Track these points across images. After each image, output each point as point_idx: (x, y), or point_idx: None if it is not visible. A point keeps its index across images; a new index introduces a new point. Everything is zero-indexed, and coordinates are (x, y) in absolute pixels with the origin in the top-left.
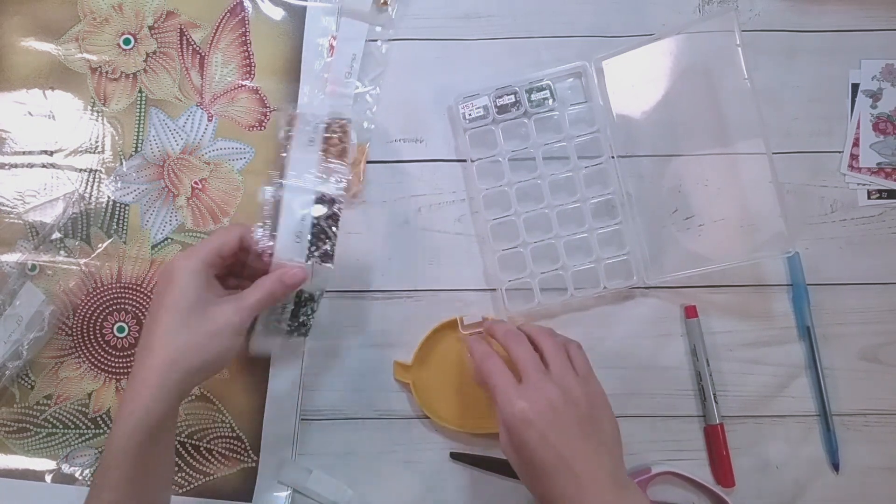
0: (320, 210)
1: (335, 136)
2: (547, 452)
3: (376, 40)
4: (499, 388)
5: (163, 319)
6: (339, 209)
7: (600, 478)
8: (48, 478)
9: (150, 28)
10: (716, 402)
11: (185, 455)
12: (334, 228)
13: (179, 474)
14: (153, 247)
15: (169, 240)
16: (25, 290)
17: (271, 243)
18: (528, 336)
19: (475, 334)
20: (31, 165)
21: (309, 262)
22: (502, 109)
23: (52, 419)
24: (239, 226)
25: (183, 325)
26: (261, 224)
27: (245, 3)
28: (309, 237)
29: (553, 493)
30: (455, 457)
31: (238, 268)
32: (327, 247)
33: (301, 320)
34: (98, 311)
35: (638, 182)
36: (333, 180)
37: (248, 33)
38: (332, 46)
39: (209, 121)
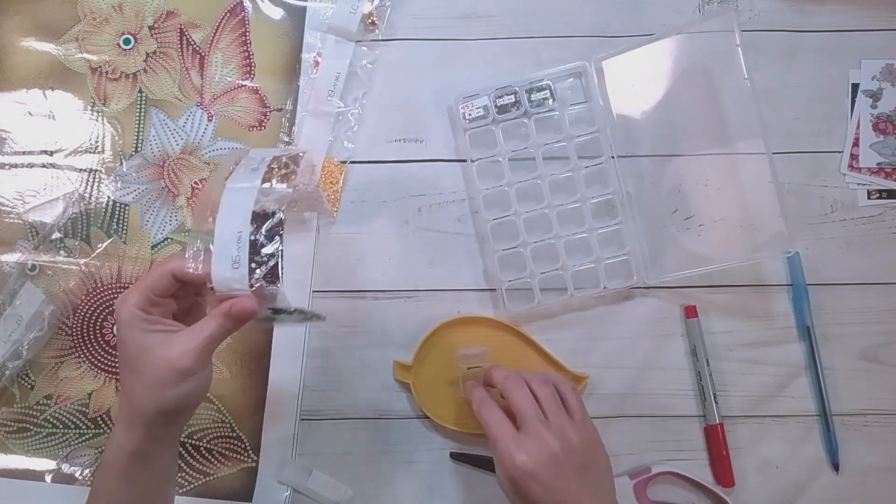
0: (257, 226)
1: (283, 165)
2: (549, 500)
3: (362, 60)
4: (499, 439)
5: (121, 368)
6: (279, 221)
7: None
8: (48, 478)
9: (150, 28)
10: (716, 402)
11: (186, 455)
12: (277, 244)
13: (179, 474)
14: (153, 247)
15: (169, 240)
16: (25, 289)
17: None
18: (525, 381)
19: (472, 383)
20: (31, 165)
21: (253, 288)
22: (502, 109)
23: (52, 419)
24: (171, 258)
25: (132, 374)
26: (193, 250)
27: (245, 3)
28: (248, 261)
29: None
30: (455, 457)
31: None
32: (271, 263)
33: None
34: (98, 311)
35: (638, 182)
36: (272, 199)
37: (248, 33)
38: (316, 63)
39: (209, 121)
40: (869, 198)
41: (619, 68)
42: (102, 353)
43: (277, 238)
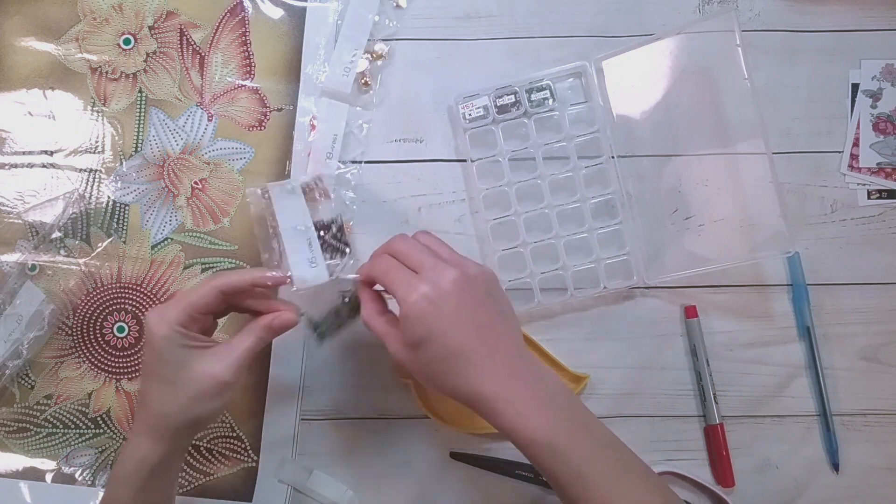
0: (323, 230)
1: (315, 186)
2: (458, 335)
3: (358, 120)
4: (398, 280)
5: (149, 379)
6: (341, 223)
7: (510, 349)
8: (48, 478)
9: (150, 28)
10: (716, 402)
11: (186, 455)
12: (344, 238)
13: (180, 474)
14: (153, 247)
15: (169, 240)
16: (25, 289)
17: (289, 273)
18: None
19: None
20: (31, 165)
21: (333, 276)
22: (502, 109)
23: (52, 419)
24: (219, 276)
25: (166, 387)
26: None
27: (245, 3)
28: (324, 255)
29: (470, 376)
30: (455, 456)
31: (238, 305)
32: (346, 250)
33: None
34: (98, 311)
35: (638, 182)
36: (323, 209)
37: (248, 33)
38: (312, 126)
39: (209, 121)
40: (869, 198)
41: (619, 68)
42: (102, 353)
43: (342, 236)
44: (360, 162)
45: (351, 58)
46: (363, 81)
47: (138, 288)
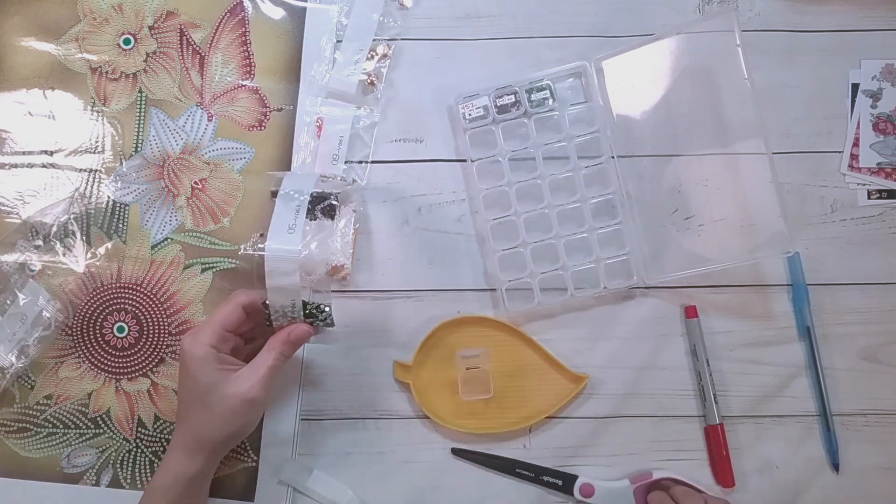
0: (317, 201)
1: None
2: None
3: (364, 122)
4: None
5: (185, 400)
6: (330, 206)
7: None
8: (48, 478)
9: (150, 28)
10: (716, 402)
11: None
12: (332, 213)
13: None
14: (153, 247)
15: (169, 240)
16: (29, 287)
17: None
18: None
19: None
20: (31, 165)
21: (303, 253)
22: (502, 109)
23: (52, 419)
24: (238, 294)
25: (201, 408)
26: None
27: (245, 3)
28: (306, 220)
29: None
30: (457, 453)
31: (259, 328)
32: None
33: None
34: (98, 311)
35: (638, 182)
36: (330, 185)
37: (248, 33)
38: (319, 128)
39: (209, 121)
40: (869, 198)
41: (619, 68)
42: (102, 353)
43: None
44: (367, 162)
45: (356, 58)
46: (369, 82)
47: (138, 288)
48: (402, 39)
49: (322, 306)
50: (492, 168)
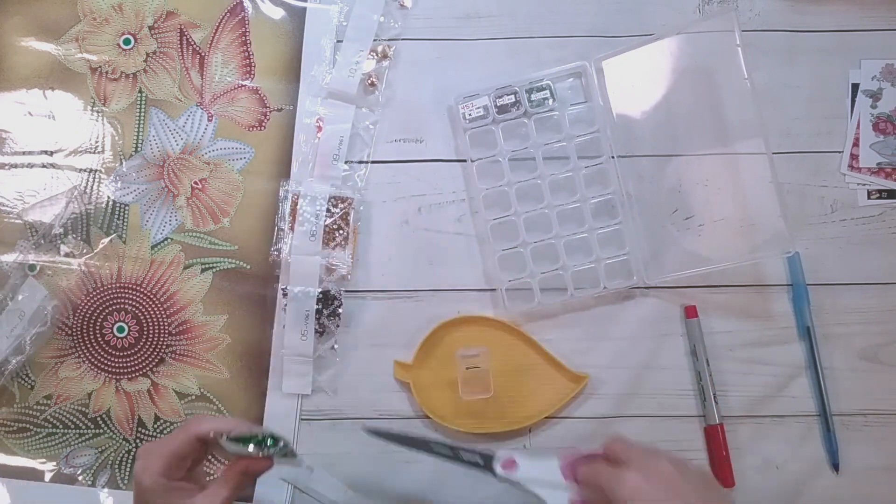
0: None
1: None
2: None
3: (364, 122)
4: (602, 471)
5: None
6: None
7: None
8: (48, 478)
9: (150, 28)
10: (716, 402)
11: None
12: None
13: None
14: (153, 247)
15: (169, 240)
16: (27, 284)
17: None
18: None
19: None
20: (31, 165)
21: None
22: (502, 109)
23: (52, 419)
24: (194, 421)
25: None
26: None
27: (245, 3)
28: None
29: None
30: (370, 431)
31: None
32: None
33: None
34: (98, 311)
35: (638, 182)
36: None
37: (248, 33)
38: (319, 128)
39: (209, 121)
40: (869, 198)
41: (619, 68)
42: (102, 353)
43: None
44: (367, 162)
45: (356, 59)
46: (369, 82)
47: (138, 288)
48: (402, 40)
49: (280, 441)
50: (492, 168)
